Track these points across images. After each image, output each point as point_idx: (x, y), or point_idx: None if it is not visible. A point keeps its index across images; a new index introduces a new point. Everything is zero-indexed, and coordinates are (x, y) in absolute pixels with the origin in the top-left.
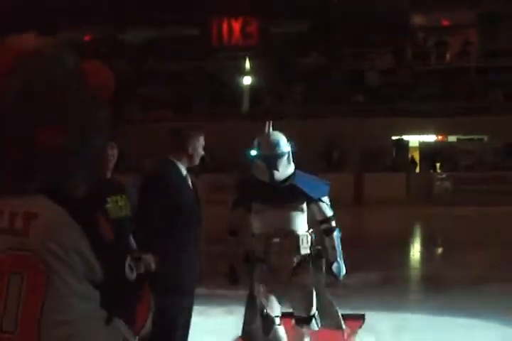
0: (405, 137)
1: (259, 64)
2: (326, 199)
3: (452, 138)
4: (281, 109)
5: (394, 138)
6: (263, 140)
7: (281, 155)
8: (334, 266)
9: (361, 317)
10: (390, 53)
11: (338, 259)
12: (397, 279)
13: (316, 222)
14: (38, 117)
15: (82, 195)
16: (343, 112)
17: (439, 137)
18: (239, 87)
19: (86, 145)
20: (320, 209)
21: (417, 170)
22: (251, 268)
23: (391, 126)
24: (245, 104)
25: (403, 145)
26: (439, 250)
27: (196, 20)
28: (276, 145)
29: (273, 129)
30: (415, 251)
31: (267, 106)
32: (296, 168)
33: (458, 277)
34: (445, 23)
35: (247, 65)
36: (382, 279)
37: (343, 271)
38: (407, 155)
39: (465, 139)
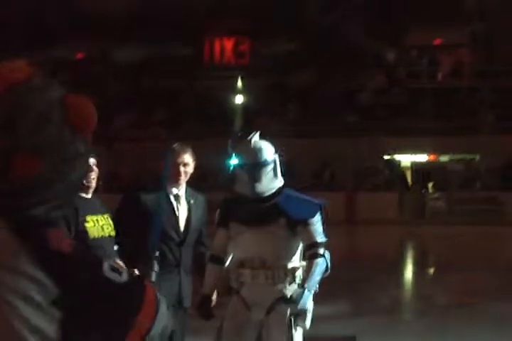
0: (397, 156)
1: (251, 83)
2: (313, 221)
3: (444, 158)
4: (274, 128)
5: (386, 157)
6: (244, 146)
7: (265, 163)
8: (297, 292)
9: (352, 339)
10: (383, 72)
11: (307, 288)
12: (386, 300)
13: (304, 248)
14: (16, 144)
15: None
16: (336, 131)
17: (431, 156)
18: (231, 105)
19: (59, 179)
20: (306, 233)
21: (410, 189)
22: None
23: (383, 145)
24: (237, 123)
25: (395, 165)
26: (431, 271)
27: (189, 39)
28: (258, 152)
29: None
30: (406, 271)
31: (260, 125)
32: (286, 186)
33: (447, 298)
34: (438, 42)
35: (239, 83)
36: (372, 299)
37: (307, 302)
38: (400, 174)
39: (457, 159)
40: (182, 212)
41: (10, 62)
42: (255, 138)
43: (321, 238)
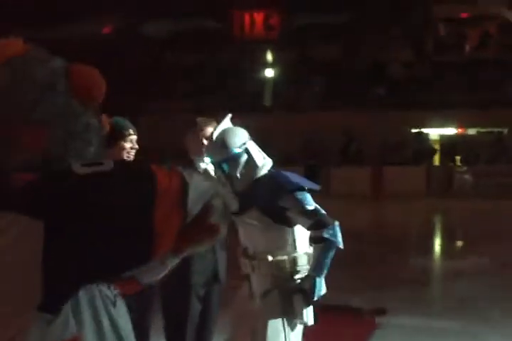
0: (425, 130)
1: (280, 56)
2: (291, 205)
3: (472, 131)
4: (302, 101)
5: (414, 131)
6: (209, 143)
7: (233, 158)
8: (306, 281)
9: (382, 311)
10: (410, 46)
11: (316, 275)
12: (415, 273)
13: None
14: (22, 116)
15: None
16: (362, 105)
17: (459, 130)
18: (260, 79)
19: (67, 153)
20: (295, 219)
21: (437, 163)
22: None
23: (411, 119)
24: (267, 97)
25: (423, 138)
26: (459, 244)
27: (218, 13)
28: (222, 147)
29: (234, 124)
30: (435, 245)
31: (289, 98)
32: (274, 167)
33: (476, 271)
34: (465, 15)
35: (269, 57)
36: (401, 272)
37: (320, 290)
38: (427, 148)
39: (485, 132)
40: None
41: (5, 39)
42: (220, 128)
43: (309, 219)
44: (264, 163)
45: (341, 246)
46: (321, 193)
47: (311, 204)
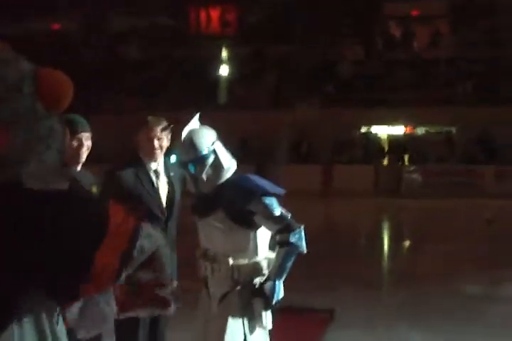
0: (374, 128)
1: (232, 53)
2: (258, 209)
3: (421, 131)
4: (254, 98)
5: (363, 129)
6: (177, 143)
7: (201, 159)
8: (267, 285)
9: (330, 312)
10: (360, 44)
11: (276, 279)
12: (362, 273)
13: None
14: None
15: None
16: (314, 103)
17: (408, 129)
18: (213, 76)
19: (33, 158)
20: (260, 222)
21: (385, 162)
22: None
23: (360, 117)
24: (221, 94)
25: (372, 137)
26: (406, 243)
27: (174, 9)
28: (190, 147)
29: (201, 123)
30: (382, 244)
31: (238, 96)
32: (237, 171)
33: (422, 272)
34: (415, 12)
35: (224, 54)
36: (348, 272)
37: (278, 294)
38: (376, 147)
39: (434, 132)
40: (163, 188)
41: None
42: (188, 128)
43: (276, 223)
44: (230, 164)
45: (304, 250)
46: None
47: (278, 209)
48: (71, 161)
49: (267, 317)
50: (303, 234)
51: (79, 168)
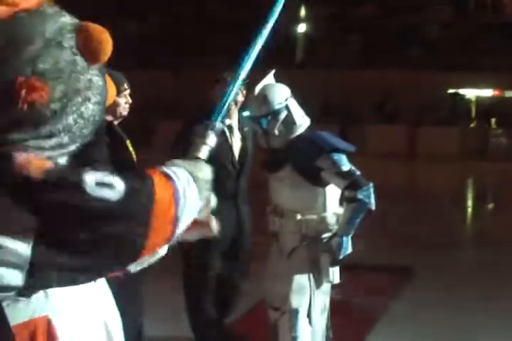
0: (461, 91)
1: (315, 12)
2: (325, 165)
3: (509, 94)
4: (337, 59)
5: (450, 91)
6: (250, 97)
7: (274, 114)
8: (334, 241)
9: (409, 270)
10: (451, 5)
11: (343, 235)
12: (444, 233)
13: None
14: (20, 68)
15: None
16: (399, 64)
17: (496, 92)
18: (294, 35)
19: (71, 111)
20: (329, 179)
21: (472, 124)
22: None
23: (448, 79)
24: (299, 53)
25: (459, 99)
26: (489, 206)
27: None
28: (263, 102)
29: (277, 81)
30: (466, 206)
31: (321, 55)
32: (311, 127)
33: (504, 236)
34: None
35: (302, 12)
36: (430, 232)
37: (346, 249)
38: (463, 109)
39: None
40: (236, 143)
41: None
42: (262, 83)
43: (345, 180)
44: (303, 121)
45: (373, 207)
46: (355, 151)
47: (346, 165)
48: (113, 116)
49: (334, 272)
50: (371, 191)
51: (116, 122)
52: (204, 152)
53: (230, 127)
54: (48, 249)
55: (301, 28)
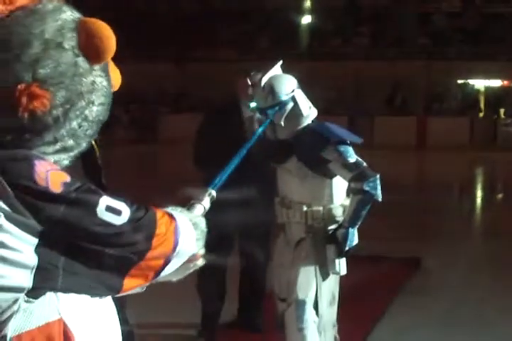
0: (471, 81)
1: (325, 3)
2: (332, 157)
3: None
4: (347, 50)
5: (459, 81)
6: (256, 88)
7: (280, 105)
8: (339, 232)
9: (417, 261)
10: None
11: (349, 226)
12: (454, 224)
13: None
14: (21, 74)
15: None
16: (408, 54)
17: (505, 82)
18: (299, 26)
19: (75, 115)
20: (336, 170)
21: (481, 115)
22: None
23: (456, 69)
24: (305, 45)
25: (469, 89)
26: (497, 196)
27: None
28: (269, 93)
29: (284, 72)
30: (475, 196)
31: (331, 47)
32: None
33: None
34: None
35: (308, 3)
36: (439, 223)
37: (352, 241)
38: (473, 99)
39: None
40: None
41: None
42: (269, 74)
43: (351, 171)
44: (310, 112)
45: (380, 199)
46: (364, 143)
47: (353, 157)
48: None
49: (341, 263)
50: (378, 182)
51: None
52: (200, 211)
53: (251, 118)
54: (52, 251)
55: (311, 19)
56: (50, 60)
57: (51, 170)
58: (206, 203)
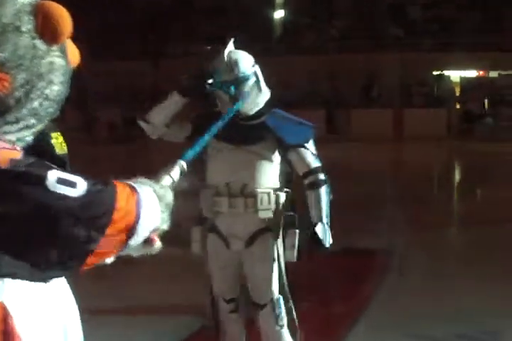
0: (446, 72)
1: None
2: (309, 146)
3: (494, 74)
4: (321, 43)
5: (435, 73)
6: (217, 61)
7: (244, 78)
8: (318, 228)
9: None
10: None
11: (324, 221)
12: (430, 215)
13: (300, 177)
14: None
15: None
16: (383, 47)
17: (481, 72)
18: (271, 20)
19: (35, 96)
20: (301, 159)
21: (458, 106)
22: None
23: (431, 60)
24: (277, 38)
25: (445, 81)
26: (473, 187)
27: None
28: (234, 66)
29: (261, 68)
30: (449, 187)
31: (307, 40)
32: (275, 105)
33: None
34: None
35: None
36: (416, 214)
37: (329, 237)
38: (449, 90)
39: (507, 74)
40: None
41: None
42: (228, 49)
43: (317, 162)
44: (267, 90)
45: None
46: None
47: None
48: None
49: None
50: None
51: None
52: (167, 182)
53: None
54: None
55: (284, 13)
56: (9, 43)
57: (2, 149)
58: (175, 174)
